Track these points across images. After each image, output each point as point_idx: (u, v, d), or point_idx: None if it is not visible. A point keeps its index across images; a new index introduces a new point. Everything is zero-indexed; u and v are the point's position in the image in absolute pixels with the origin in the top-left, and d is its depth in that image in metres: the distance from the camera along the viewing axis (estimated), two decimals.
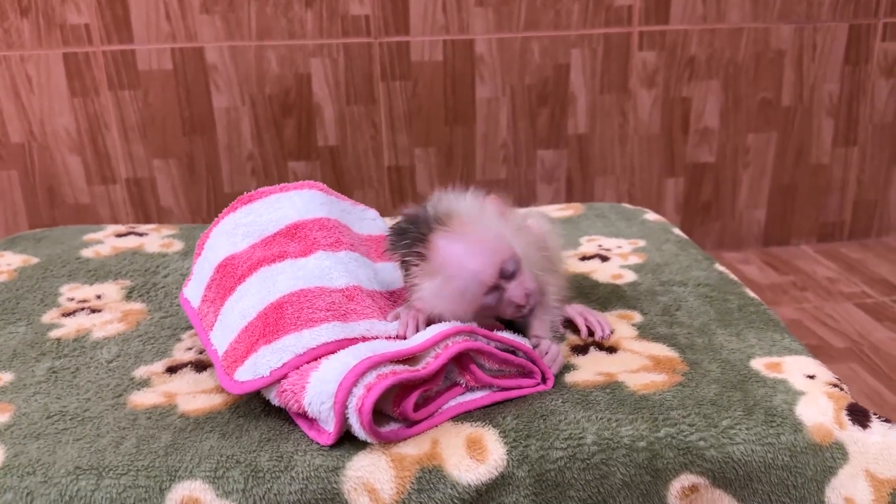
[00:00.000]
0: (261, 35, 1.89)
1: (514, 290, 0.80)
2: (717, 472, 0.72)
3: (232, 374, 0.79)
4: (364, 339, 0.80)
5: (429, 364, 0.75)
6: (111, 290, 1.07)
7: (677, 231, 1.24)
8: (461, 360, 0.78)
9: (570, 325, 0.93)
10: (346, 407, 0.70)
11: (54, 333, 0.95)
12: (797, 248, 2.24)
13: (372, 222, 1.02)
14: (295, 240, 0.90)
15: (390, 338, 0.82)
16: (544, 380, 0.81)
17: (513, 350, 0.80)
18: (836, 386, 0.80)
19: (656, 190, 2.12)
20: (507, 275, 0.80)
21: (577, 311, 0.93)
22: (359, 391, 0.70)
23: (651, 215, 1.32)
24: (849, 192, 2.22)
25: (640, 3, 1.96)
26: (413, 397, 0.74)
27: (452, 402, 0.78)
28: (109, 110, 1.91)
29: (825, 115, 2.12)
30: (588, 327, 0.91)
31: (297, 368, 0.76)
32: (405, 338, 0.81)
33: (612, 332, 0.91)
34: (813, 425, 0.75)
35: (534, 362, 0.80)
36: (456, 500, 0.70)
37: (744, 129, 2.10)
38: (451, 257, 0.78)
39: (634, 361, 0.85)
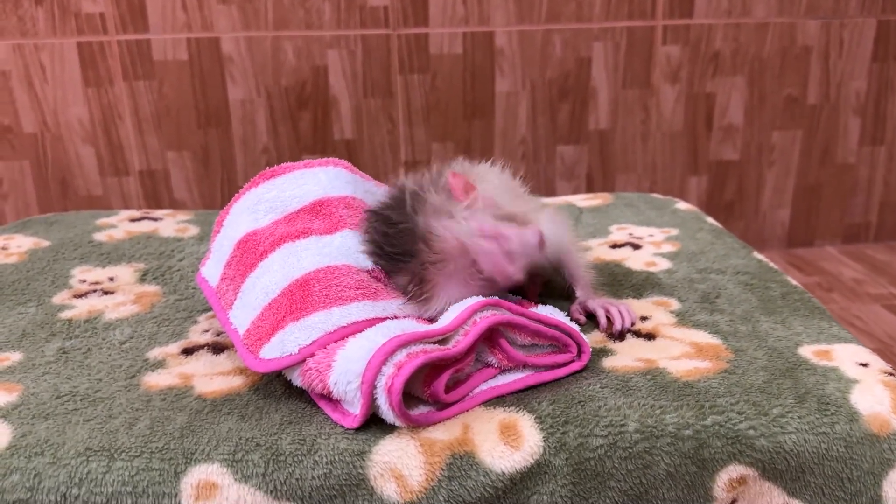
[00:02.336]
0: (277, 25, 1.86)
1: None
2: (767, 462, 0.68)
3: (257, 353, 0.74)
4: (395, 318, 0.76)
5: (459, 342, 0.71)
6: (124, 273, 1.03)
7: (711, 220, 1.20)
8: (491, 338, 0.74)
9: (591, 318, 0.88)
10: (374, 387, 0.66)
11: (65, 314, 0.92)
12: (822, 249, 2.19)
13: None
14: (320, 217, 0.86)
15: (422, 318, 0.78)
16: (579, 354, 0.76)
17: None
18: (891, 374, 0.76)
19: (678, 187, 2.08)
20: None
21: (598, 304, 0.88)
22: (388, 370, 0.66)
23: (682, 205, 1.28)
24: (875, 193, 2.17)
25: None
26: (444, 377, 0.69)
27: (484, 386, 0.74)
28: (123, 101, 1.88)
29: (852, 113, 2.08)
30: (608, 318, 0.86)
31: (325, 347, 0.72)
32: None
33: (634, 323, 0.86)
34: (869, 415, 0.70)
35: (568, 335, 0.76)
36: (489, 489, 0.65)
37: (769, 126, 2.06)
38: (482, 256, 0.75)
39: (675, 348, 0.81)
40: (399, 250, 0.76)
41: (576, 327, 0.78)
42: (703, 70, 1.99)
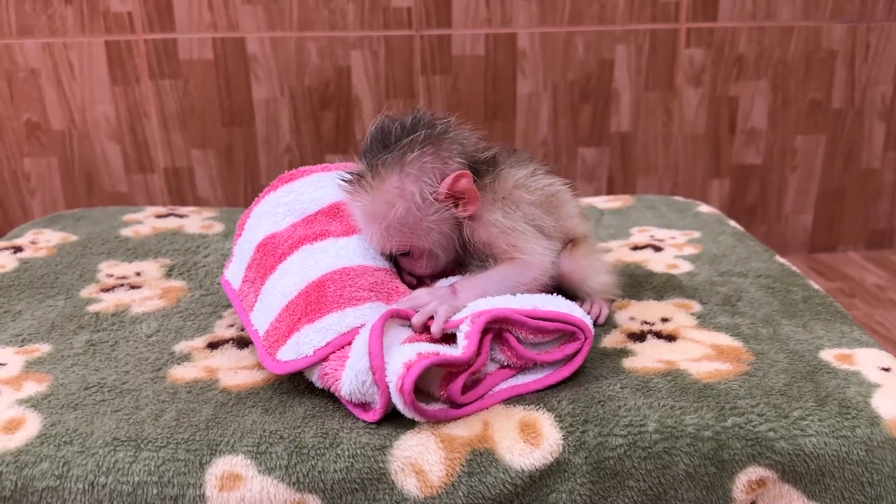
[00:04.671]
0: (302, 26, 1.88)
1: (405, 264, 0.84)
2: (786, 465, 0.68)
3: (274, 354, 0.76)
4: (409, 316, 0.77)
5: (465, 347, 0.71)
6: (151, 268, 1.05)
7: (733, 223, 1.20)
8: (500, 336, 0.74)
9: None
10: (386, 379, 0.67)
11: (93, 308, 0.93)
12: (844, 254, 2.17)
13: None
14: (337, 219, 0.87)
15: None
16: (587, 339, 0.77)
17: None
18: None
19: (700, 191, 2.07)
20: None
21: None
22: (399, 370, 0.67)
23: (704, 207, 1.27)
24: None
25: None
26: (460, 380, 0.70)
27: (504, 385, 0.74)
28: (149, 99, 1.91)
29: (877, 117, 2.06)
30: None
31: (341, 349, 0.73)
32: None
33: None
34: (891, 419, 0.70)
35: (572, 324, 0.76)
36: (508, 486, 0.66)
37: (792, 130, 2.04)
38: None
39: (696, 350, 0.81)
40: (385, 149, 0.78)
41: (580, 314, 0.77)
42: (726, 73, 1.98)
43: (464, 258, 0.83)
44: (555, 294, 0.80)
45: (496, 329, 0.74)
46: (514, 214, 0.80)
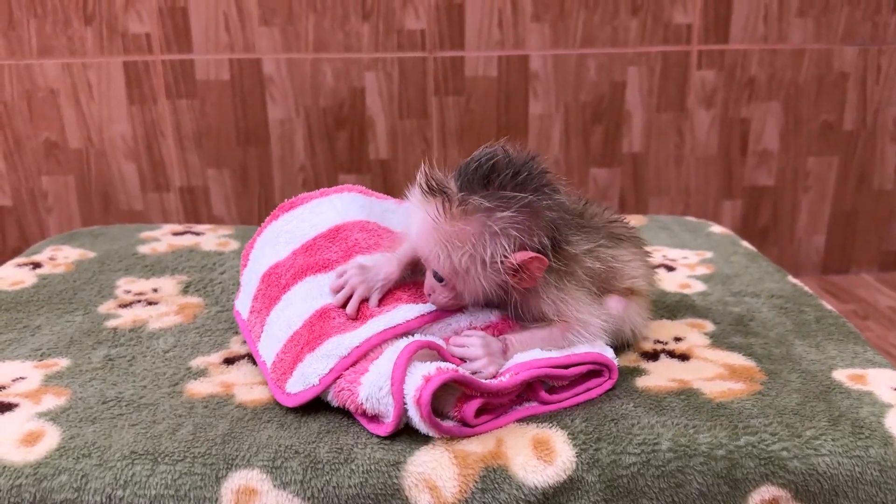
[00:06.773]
0: (317, 48, 1.90)
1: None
2: (799, 484, 0.68)
3: (283, 387, 0.77)
4: (407, 322, 0.77)
5: (497, 381, 0.72)
6: (168, 285, 1.06)
7: (745, 244, 1.20)
8: (531, 384, 0.75)
9: None
10: (403, 390, 0.68)
11: (111, 323, 0.95)
12: (857, 276, 2.17)
13: None
14: (336, 242, 0.88)
15: (426, 317, 0.79)
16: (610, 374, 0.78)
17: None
18: None
19: (712, 212, 2.07)
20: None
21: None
22: (417, 381, 0.68)
23: (716, 228, 1.28)
24: None
25: (700, 21, 1.93)
26: (475, 404, 0.71)
27: (517, 407, 0.75)
28: (166, 119, 1.93)
29: (889, 139, 2.06)
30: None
31: (353, 366, 0.74)
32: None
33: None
34: None
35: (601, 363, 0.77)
36: (521, 502, 0.66)
37: (804, 152, 2.05)
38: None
39: (709, 369, 0.81)
40: (486, 193, 0.73)
41: (610, 354, 0.79)
42: (738, 95, 1.99)
43: (503, 309, 0.81)
44: None
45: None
46: (568, 286, 0.77)
